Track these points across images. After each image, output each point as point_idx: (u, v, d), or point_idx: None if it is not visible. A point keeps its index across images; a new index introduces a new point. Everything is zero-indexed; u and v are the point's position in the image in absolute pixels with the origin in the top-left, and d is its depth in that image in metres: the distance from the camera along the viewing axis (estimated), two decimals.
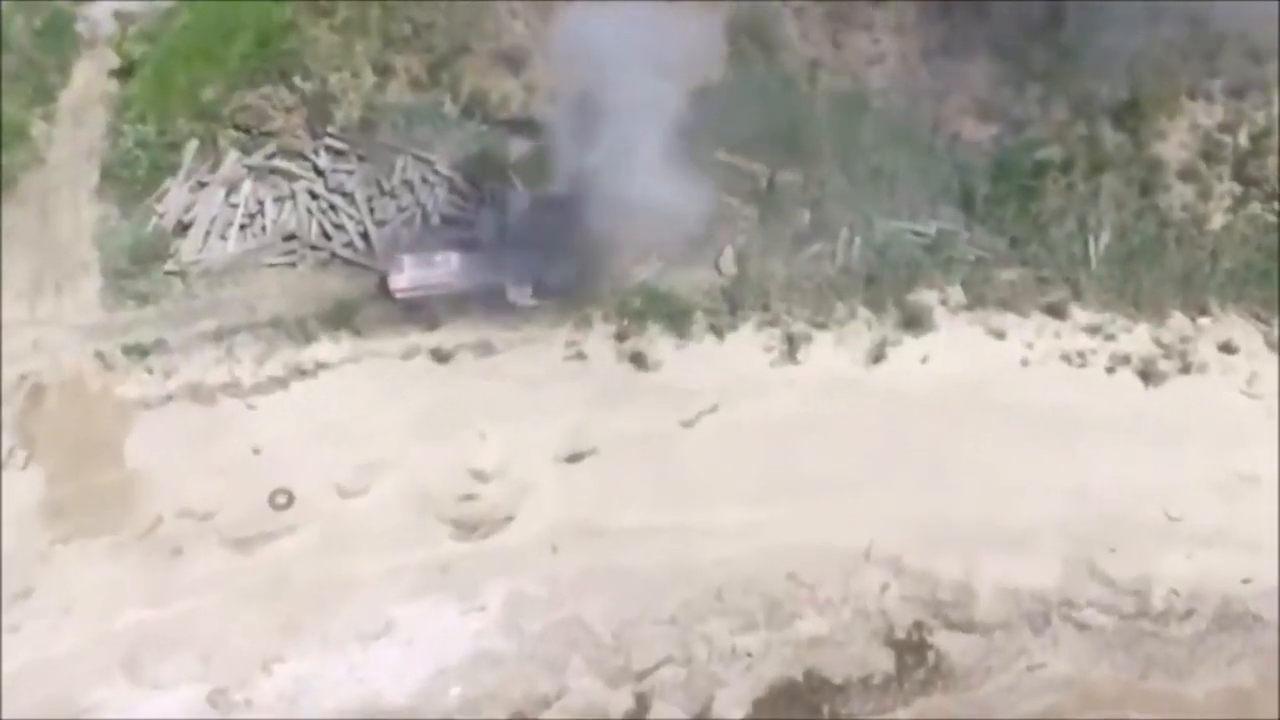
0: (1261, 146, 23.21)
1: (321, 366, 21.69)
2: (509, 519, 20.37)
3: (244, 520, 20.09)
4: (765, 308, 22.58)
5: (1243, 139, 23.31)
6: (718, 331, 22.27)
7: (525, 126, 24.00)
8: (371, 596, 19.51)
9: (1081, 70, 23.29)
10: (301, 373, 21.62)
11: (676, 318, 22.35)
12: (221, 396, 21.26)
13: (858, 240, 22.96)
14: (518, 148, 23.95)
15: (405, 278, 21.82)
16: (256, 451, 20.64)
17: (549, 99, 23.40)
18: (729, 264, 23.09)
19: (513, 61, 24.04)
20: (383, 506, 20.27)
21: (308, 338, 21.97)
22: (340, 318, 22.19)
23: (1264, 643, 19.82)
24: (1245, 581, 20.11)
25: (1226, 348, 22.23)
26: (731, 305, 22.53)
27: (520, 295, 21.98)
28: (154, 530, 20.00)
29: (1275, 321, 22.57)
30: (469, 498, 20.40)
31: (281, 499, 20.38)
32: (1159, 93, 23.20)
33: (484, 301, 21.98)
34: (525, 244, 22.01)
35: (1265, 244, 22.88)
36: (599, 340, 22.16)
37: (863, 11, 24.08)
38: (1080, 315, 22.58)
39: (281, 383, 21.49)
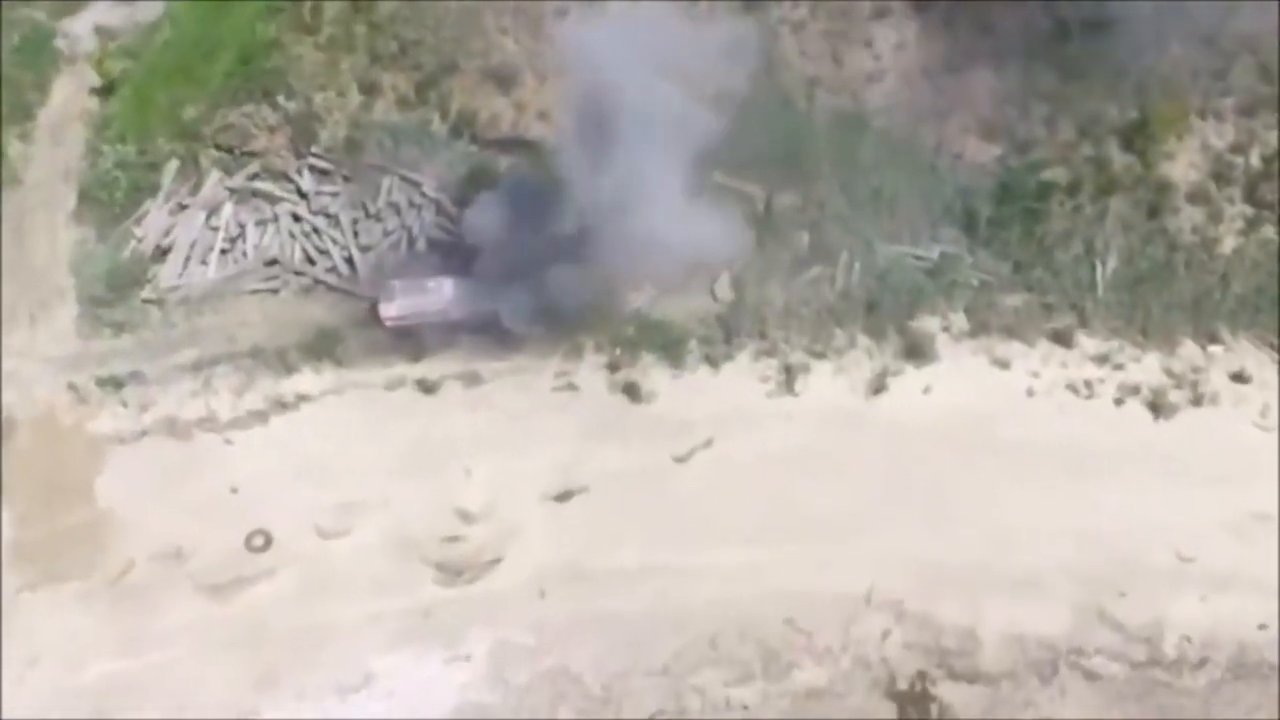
0: (1274, 168, 21.63)
1: (302, 399, 20.22)
2: (495, 562, 18.88)
3: (220, 564, 18.62)
4: (762, 336, 21.17)
5: (1254, 160, 21.82)
6: (713, 361, 20.88)
7: (516, 146, 22.47)
8: (351, 645, 18.05)
9: (1088, 89, 21.84)
10: (282, 406, 20.16)
11: (670, 347, 20.97)
12: (198, 431, 19.81)
13: (857, 265, 21.63)
14: (508, 168, 22.42)
15: (396, 305, 20.24)
16: (234, 490, 19.18)
17: (548, 115, 21.90)
18: (725, 290, 21.69)
19: (502, 80, 22.60)
20: (364, 548, 18.85)
21: (288, 369, 20.52)
22: (322, 347, 20.73)
23: None
24: (1261, 627, 18.65)
25: (1239, 377, 20.79)
26: (727, 334, 21.11)
27: (516, 322, 20.32)
28: (125, 575, 18.49)
29: None
30: (453, 539, 18.92)
31: (259, 541, 18.89)
32: (1168, 112, 21.70)
33: (478, 329, 20.38)
34: (522, 268, 20.24)
35: (1277, 269, 21.17)
36: (590, 370, 20.74)
37: (863, 28, 22.54)
38: (1087, 343, 21.17)
39: (261, 416, 20.01)
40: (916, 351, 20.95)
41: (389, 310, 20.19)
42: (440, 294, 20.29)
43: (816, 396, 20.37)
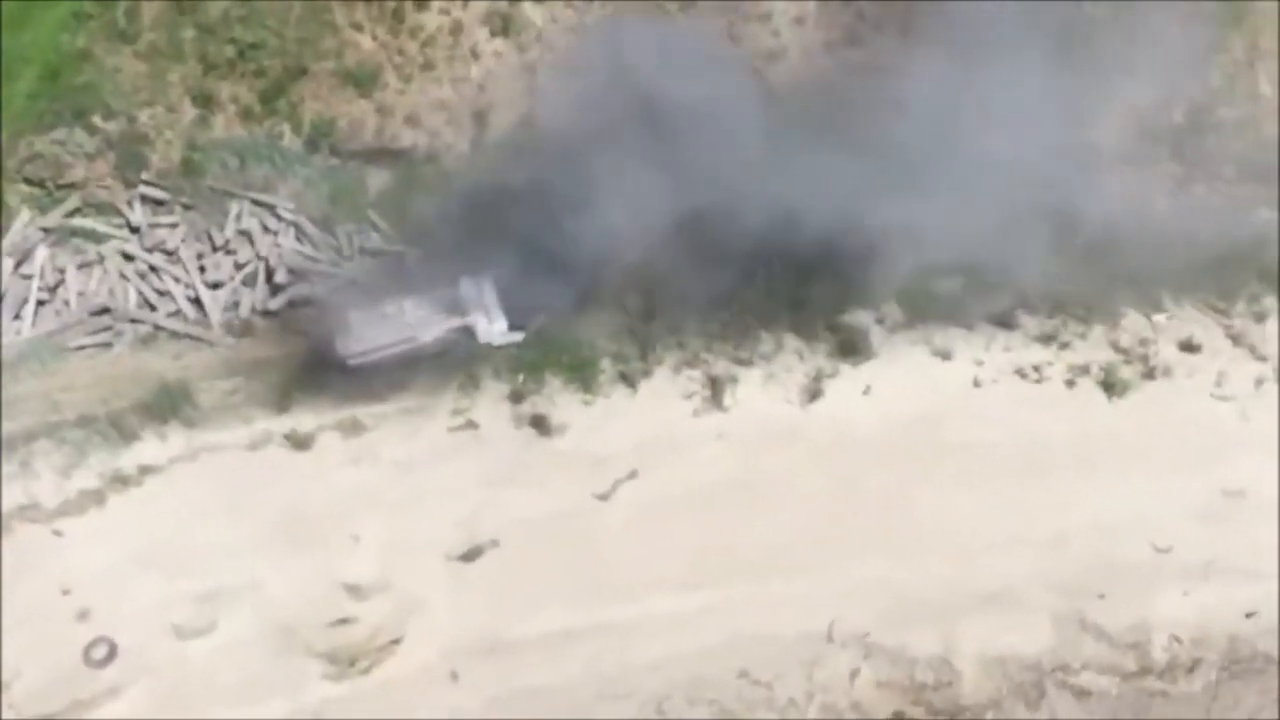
0: (1200, 122, 19.58)
1: (146, 471, 16.28)
2: (395, 643, 15.28)
3: (51, 687, 14.60)
4: (680, 346, 18.05)
5: (1178, 116, 19.85)
6: (629, 380, 17.70)
7: (383, 156, 19.00)
8: None
9: None
10: (121, 482, 16.17)
11: (580, 368, 17.70)
12: (17, 524, 15.68)
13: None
14: (377, 181, 18.96)
15: (356, 339, 16.69)
16: (66, 592, 15.13)
17: (417, 119, 18.86)
18: (635, 298, 18.44)
19: (361, 81, 19.01)
20: (232, 647, 15.06)
21: (127, 436, 16.53)
22: (168, 406, 16.79)
23: None
24: (1249, 616, 16.44)
25: (1188, 346, 18.78)
26: (642, 347, 17.88)
27: (495, 332, 17.22)
28: None
29: (1234, 315, 19.05)
30: (342, 622, 15.30)
31: (100, 651, 14.92)
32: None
33: (452, 350, 17.21)
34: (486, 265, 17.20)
35: (1211, 228, 19.24)
36: (490, 404, 17.39)
37: (758, 3, 19.77)
38: (1030, 323, 18.81)
39: (95, 497, 16.01)
40: (851, 349, 18.34)
41: (351, 346, 16.62)
42: (401, 318, 16.93)
43: (748, 410, 17.50)
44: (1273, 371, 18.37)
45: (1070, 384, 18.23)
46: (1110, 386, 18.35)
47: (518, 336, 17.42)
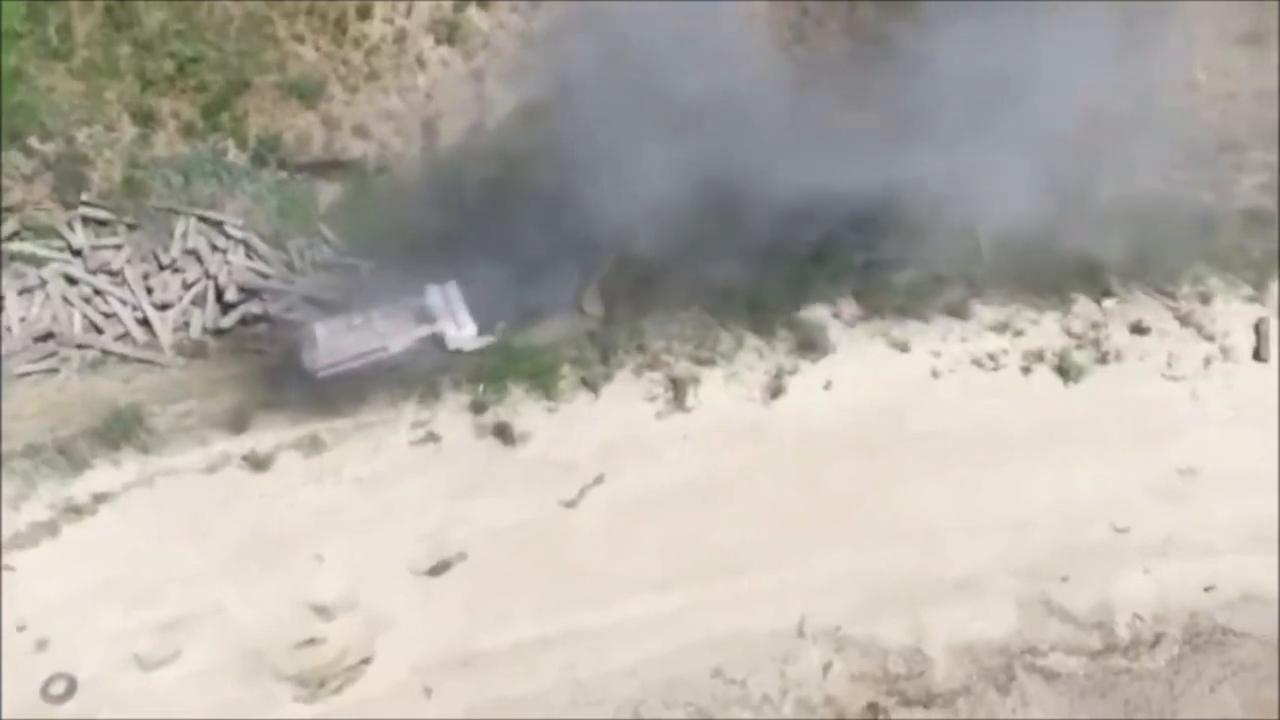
0: (1142, 111, 20.11)
1: (101, 499, 15.96)
2: (365, 662, 15.15)
3: None
4: (640, 349, 18.09)
5: (1120, 105, 20.17)
6: (590, 385, 17.72)
7: (332, 168, 18.86)
8: None
9: None
10: (74, 511, 15.84)
11: (541, 375, 17.71)
12: None
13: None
14: (327, 194, 18.83)
15: (324, 352, 16.63)
16: (21, 628, 14.81)
17: (366, 129, 18.81)
18: (594, 302, 18.39)
19: (306, 93, 18.84)
20: (198, 674, 14.83)
21: (78, 465, 16.17)
22: (120, 431, 16.47)
23: (1240, 659, 16.69)
24: (1207, 590, 16.89)
25: (1138, 329, 19.17)
26: (602, 351, 17.87)
27: (464, 338, 17.14)
28: None
29: (1180, 297, 19.59)
30: (310, 643, 15.13)
31: (59, 687, 14.61)
32: None
33: (421, 358, 17.10)
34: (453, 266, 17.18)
35: (1156, 213, 19.71)
36: (452, 415, 17.27)
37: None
38: (984, 312, 19.11)
39: (48, 529, 15.66)
40: (810, 345, 18.56)
41: (319, 359, 16.56)
42: (370, 329, 16.78)
43: (712, 410, 17.63)
44: (1219, 351, 18.87)
45: (1026, 370, 18.61)
46: (1065, 371, 18.75)
47: (487, 341, 17.36)
